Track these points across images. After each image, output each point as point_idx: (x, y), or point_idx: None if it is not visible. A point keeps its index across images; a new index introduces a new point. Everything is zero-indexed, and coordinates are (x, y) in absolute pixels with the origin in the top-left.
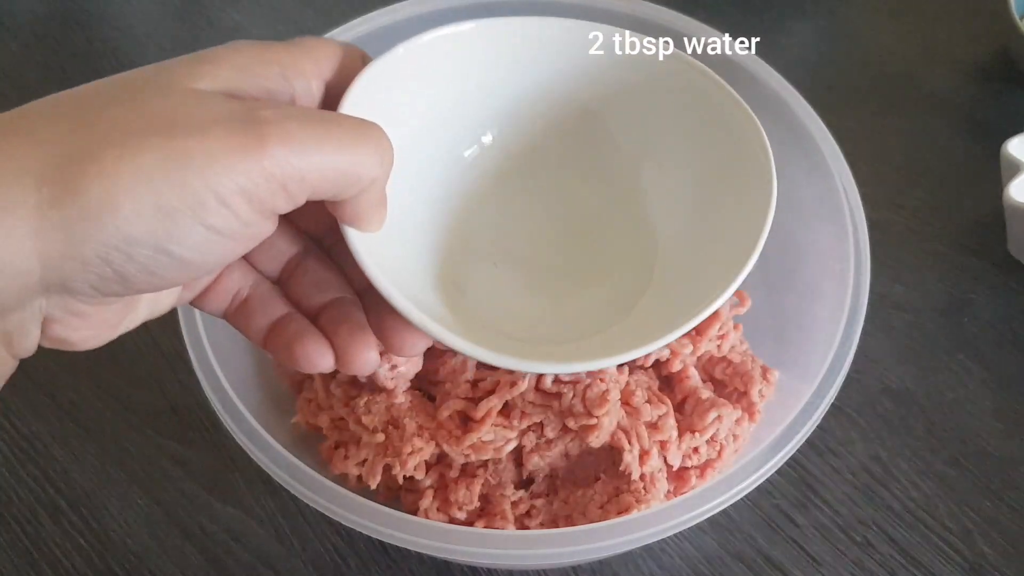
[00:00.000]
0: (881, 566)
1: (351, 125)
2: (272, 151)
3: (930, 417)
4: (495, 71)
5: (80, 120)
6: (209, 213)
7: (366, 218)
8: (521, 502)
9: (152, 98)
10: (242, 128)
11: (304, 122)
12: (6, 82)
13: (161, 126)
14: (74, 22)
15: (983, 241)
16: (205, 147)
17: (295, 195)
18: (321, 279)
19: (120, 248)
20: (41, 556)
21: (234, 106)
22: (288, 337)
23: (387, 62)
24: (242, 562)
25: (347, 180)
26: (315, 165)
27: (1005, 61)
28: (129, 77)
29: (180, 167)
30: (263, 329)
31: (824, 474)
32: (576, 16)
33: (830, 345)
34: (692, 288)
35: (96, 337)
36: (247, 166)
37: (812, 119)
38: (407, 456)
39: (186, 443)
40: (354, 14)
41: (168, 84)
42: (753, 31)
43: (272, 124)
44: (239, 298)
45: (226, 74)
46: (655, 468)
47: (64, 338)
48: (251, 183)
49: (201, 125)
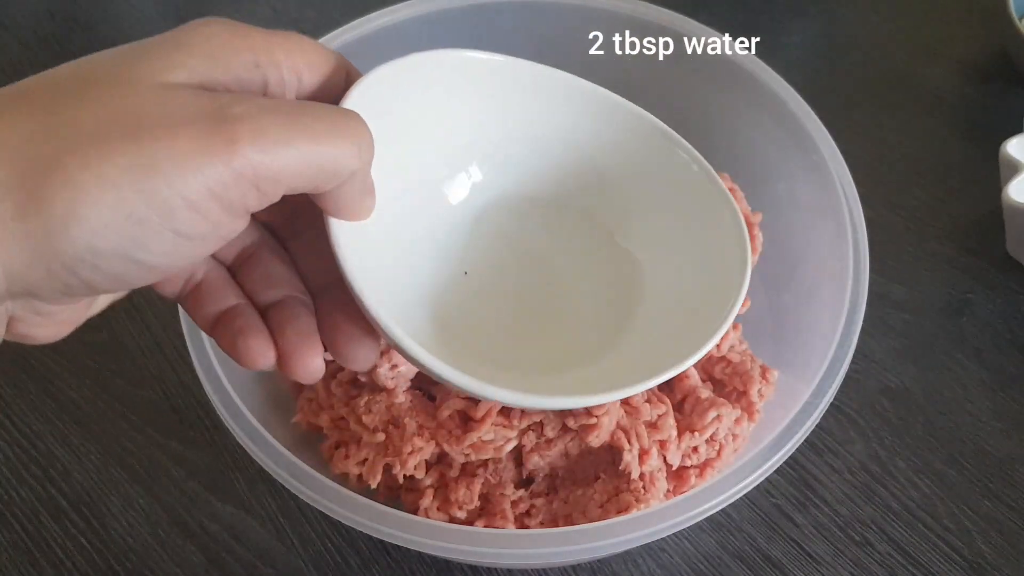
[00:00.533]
0: (880, 565)
1: (327, 116)
2: (243, 151)
3: (929, 416)
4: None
5: (44, 122)
6: (178, 219)
7: (350, 208)
8: (521, 501)
9: (118, 95)
10: (212, 128)
11: (276, 116)
12: (6, 82)
13: (127, 128)
14: (74, 22)
15: (982, 241)
16: (173, 151)
17: (269, 193)
18: (273, 273)
19: (85, 259)
20: (42, 555)
21: (203, 102)
22: (233, 330)
23: (393, 69)
24: (243, 561)
25: (324, 174)
26: (289, 162)
27: (1004, 61)
28: (90, 67)
29: (148, 174)
30: (211, 317)
31: (823, 473)
32: (576, 16)
33: (829, 345)
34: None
35: (60, 332)
36: (217, 169)
37: (811, 119)
38: (407, 455)
39: (187, 442)
40: (354, 14)
41: (135, 77)
42: (753, 31)
43: (243, 122)
44: (192, 282)
45: (197, 63)
46: (655, 467)
47: (27, 334)
48: (221, 185)
49: (169, 126)
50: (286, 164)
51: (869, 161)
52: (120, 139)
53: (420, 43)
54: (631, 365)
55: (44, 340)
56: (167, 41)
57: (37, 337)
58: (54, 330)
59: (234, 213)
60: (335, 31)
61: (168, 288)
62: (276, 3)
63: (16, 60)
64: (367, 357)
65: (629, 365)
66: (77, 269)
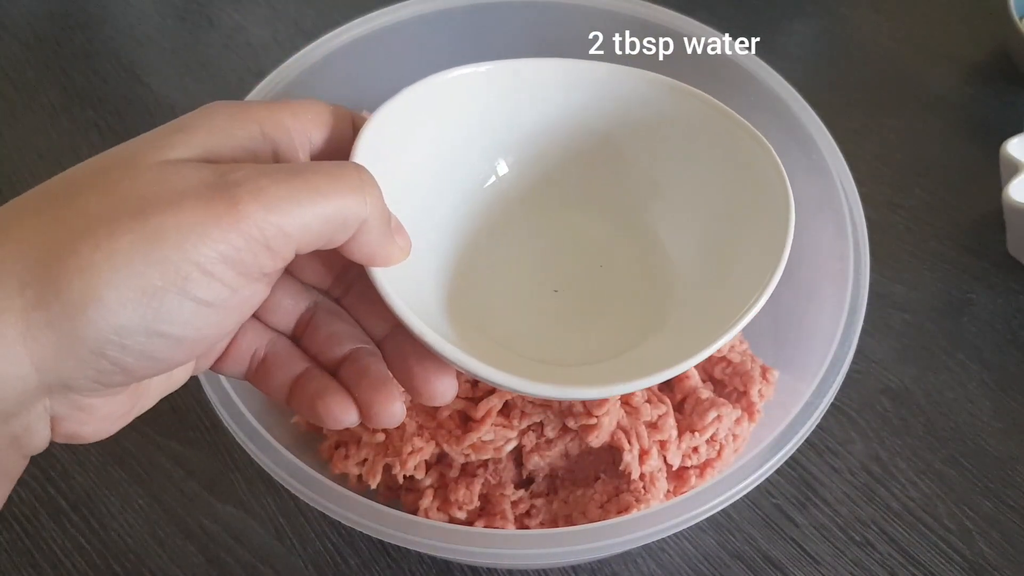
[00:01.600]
0: (880, 565)
1: (327, 171)
2: (247, 212)
3: (929, 416)
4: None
5: (54, 214)
6: (194, 285)
7: (379, 254)
8: (521, 502)
9: (122, 179)
10: (213, 194)
11: (276, 176)
12: (6, 82)
13: (133, 207)
14: (74, 22)
15: (983, 241)
16: (178, 220)
17: (281, 252)
18: (335, 332)
19: (112, 339)
20: (42, 556)
21: (205, 173)
22: (310, 394)
23: (397, 104)
24: (242, 561)
25: (333, 227)
26: (295, 219)
27: (1005, 61)
28: (100, 160)
29: (156, 245)
30: (284, 387)
31: (824, 474)
32: (576, 16)
33: (829, 345)
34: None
35: (108, 428)
36: (224, 232)
37: (811, 119)
38: (407, 456)
39: (186, 443)
40: (354, 14)
41: (137, 161)
42: (753, 31)
43: (243, 185)
44: (257, 359)
45: (199, 140)
46: (655, 468)
47: (74, 433)
48: (231, 248)
49: (172, 199)
50: (293, 221)
51: (869, 161)
52: (127, 217)
53: (420, 43)
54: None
55: (91, 438)
56: (171, 125)
57: (83, 435)
58: (100, 426)
59: (249, 276)
60: (335, 31)
61: (234, 368)
62: (276, 3)
63: (16, 60)
64: (446, 392)
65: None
66: (105, 351)
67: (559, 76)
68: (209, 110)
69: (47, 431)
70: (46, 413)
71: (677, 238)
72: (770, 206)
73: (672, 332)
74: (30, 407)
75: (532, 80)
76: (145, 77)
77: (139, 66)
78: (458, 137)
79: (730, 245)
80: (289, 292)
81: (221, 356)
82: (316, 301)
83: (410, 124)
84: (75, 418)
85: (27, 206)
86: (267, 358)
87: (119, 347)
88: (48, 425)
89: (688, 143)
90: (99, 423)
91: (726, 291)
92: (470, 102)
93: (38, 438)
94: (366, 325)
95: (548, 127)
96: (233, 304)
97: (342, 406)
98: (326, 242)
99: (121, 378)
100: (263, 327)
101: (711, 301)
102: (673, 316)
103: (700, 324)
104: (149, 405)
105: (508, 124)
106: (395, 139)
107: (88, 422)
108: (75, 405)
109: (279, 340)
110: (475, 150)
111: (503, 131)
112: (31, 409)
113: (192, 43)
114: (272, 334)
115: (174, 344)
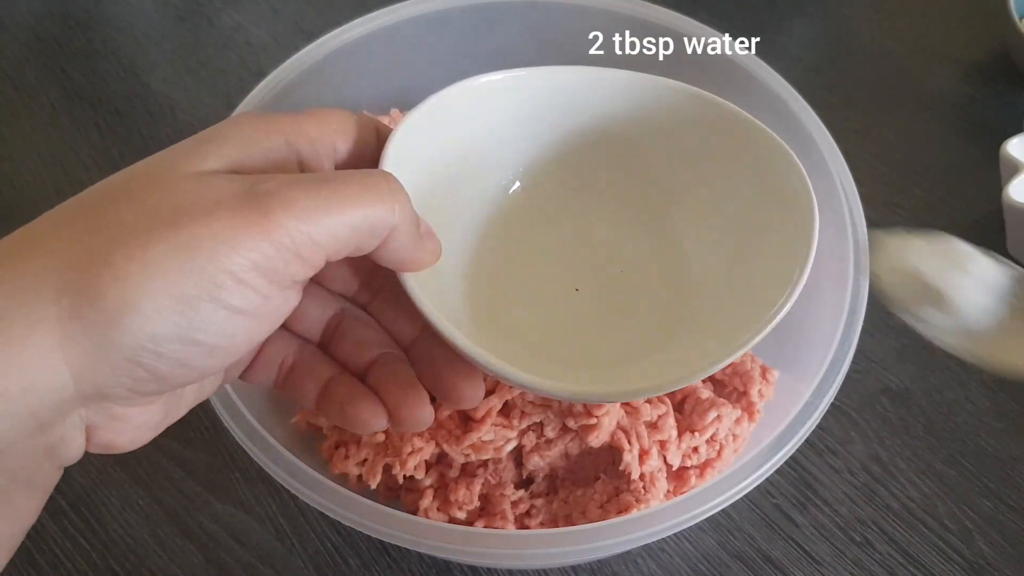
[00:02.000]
0: (880, 565)
1: (356, 180)
2: (278, 221)
3: (929, 416)
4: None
5: (88, 225)
6: (227, 293)
7: (409, 260)
8: (521, 502)
9: (155, 191)
10: (245, 204)
11: (306, 187)
12: (6, 82)
13: (166, 218)
14: (74, 22)
15: (982, 241)
16: (211, 230)
17: (311, 260)
18: (362, 338)
19: (146, 347)
20: (42, 556)
21: (236, 184)
22: (340, 400)
23: (425, 110)
24: (242, 561)
25: (362, 235)
26: (325, 227)
27: (1005, 61)
28: (132, 172)
29: (190, 255)
30: (314, 393)
31: (824, 474)
32: (576, 16)
33: (829, 345)
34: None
35: (142, 437)
36: (256, 241)
37: (811, 119)
38: (407, 456)
39: (186, 443)
40: (354, 14)
41: (169, 173)
42: (753, 31)
43: (274, 195)
44: (285, 367)
45: (228, 151)
46: (655, 468)
47: (109, 443)
48: (263, 257)
49: (205, 209)
50: (323, 230)
51: (869, 161)
52: (161, 227)
53: (420, 43)
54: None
55: (126, 447)
56: (199, 137)
57: (118, 444)
58: (135, 436)
59: (281, 284)
60: (335, 31)
61: (263, 377)
62: (276, 3)
63: (16, 60)
64: (475, 395)
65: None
66: (140, 359)
67: (584, 84)
68: (236, 121)
69: (82, 440)
70: (81, 422)
71: (698, 244)
72: (793, 214)
73: (694, 337)
74: (66, 416)
75: (559, 88)
76: (145, 77)
77: (139, 66)
78: (485, 143)
79: (752, 251)
80: (316, 300)
81: (250, 365)
82: (343, 308)
83: (439, 130)
84: (110, 427)
85: (62, 217)
86: (295, 366)
87: (154, 355)
88: (83, 434)
89: (710, 150)
90: (134, 432)
91: (748, 297)
92: (498, 108)
93: (73, 448)
94: (393, 331)
95: (572, 133)
96: (265, 311)
97: (371, 410)
98: (355, 249)
99: (155, 386)
100: (290, 335)
101: (732, 307)
102: (694, 321)
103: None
104: (181, 414)
105: (534, 131)
106: (423, 145)
107: (123, 431)
108: (110, 414)
109: (307, 348)
110: (502, 156)
111: (529, 138)
112: (67, 419)
113: (192, 43)
114: (299, 342)
115: (207, 352)
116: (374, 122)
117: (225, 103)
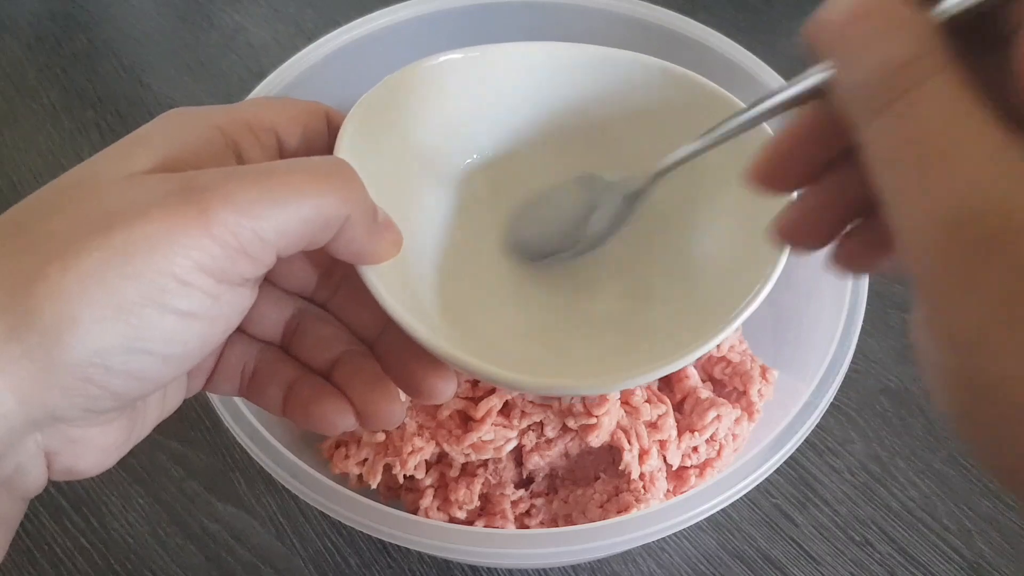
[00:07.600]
0: (880, 565)
1: (304, 168)
2: (218, 217)
3: (929, 416)
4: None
5: (17, 243)
6: (172, 297)
7: (367, 252)
8: (521, 501)
9: (85, 198)
10: (180, 202)
11: (246, 179)
12: (6, 82)
13: (99, 224)
14: (74, 22)
15: None
16: (145, 232)
17: (261, 257)
18: (323, 336)
19: (94, 362)
20: (42, 555)
21: (169, 182)
22: (303, 401)
23: (379, 93)
24: (243, 561)
25: (314, 228)
26: (272, 221)
27: None
28: (60, 182)
29: (127, 259)
30: (279, 398)
31: (823, 473)
32: (576, 16)
33: (829, 344)
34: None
35: (106, 460)
36: (195, 239)
37: None
38: (407, 455)
39: (187, 442)
40: (354, 14)
41: (98, 178)
42: (753, 31)
43: (210, 189)
44: (247, 373)
45: (158, 149)
46: (655, 467)
47: (71, 468)
48: (207, 256)
49: (138, 211)
50: (268, 224)
51: None
52: (94, 235)
53: (420, 43)
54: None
55: (90, 471)
56: (128, 138)
57: (81, 469)
58: (97, 459)
59: (230, 282)
60: (335, 31)
61: (226, 386)
62: (276, 3)
63: (16, 60)
64: (446, 388)
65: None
66: (90, 375)
67: (547, 59)
68: (165, 118)
69: (42, 469)
70: (39, 449)
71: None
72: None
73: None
74: (18, 445)
75: (526, 65)
76: (145, 77)
77: (139, 66)
78: (448, 125)
79: (731, 233)
80: (272, 299)
81: (211, 374)
82: (300, 307)
83: (396, 113)
84: (70, 451)
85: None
86: (257, 371)
87: (103, 370)
88: (43, 463)
89: (685, 127)
90: (96, 455)
91: (726, 283)
92: (456, 88)
93: (32, 478)
94: (356, 327)
95: (542, 113)
96: (217, 313)
97: (337, 409)
98: (308, 243)
99: (111, 403)
100: (250, 340)
101: (713, 290)
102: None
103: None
104: (145, 433)
105: (496, 110)
106: (380, 129)
107: (84, 455)
108: (68, 438)
109: (268, 351)
110: (466, 138)
111: (491, 117)
112: (20, 447)
113: (192, 43)
114: (260, 346)
115: (160, 360)
116: (324, 109)
117: (226, 103)
